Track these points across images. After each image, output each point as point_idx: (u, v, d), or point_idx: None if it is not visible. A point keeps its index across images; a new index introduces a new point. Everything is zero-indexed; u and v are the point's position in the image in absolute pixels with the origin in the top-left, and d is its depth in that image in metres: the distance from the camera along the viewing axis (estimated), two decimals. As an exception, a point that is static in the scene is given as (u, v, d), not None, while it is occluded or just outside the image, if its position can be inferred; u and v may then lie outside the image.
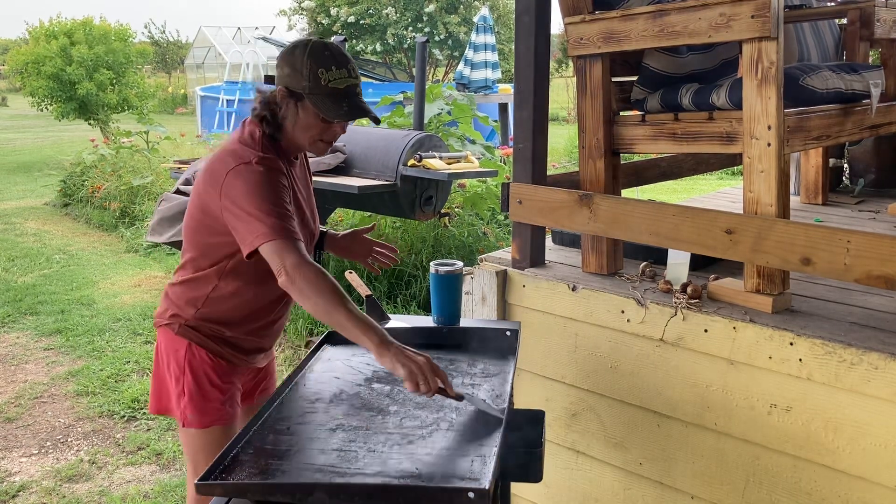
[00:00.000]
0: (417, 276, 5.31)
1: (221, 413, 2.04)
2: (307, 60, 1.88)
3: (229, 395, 2.06)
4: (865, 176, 3.73)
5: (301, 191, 2.05)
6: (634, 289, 2.27)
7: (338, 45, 1.95)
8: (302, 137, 1.95)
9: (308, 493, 1.35)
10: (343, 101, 1.90)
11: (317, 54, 1.89)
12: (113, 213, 8.36)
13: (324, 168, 4.65)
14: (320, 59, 1.88)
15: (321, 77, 1.87)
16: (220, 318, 2.02)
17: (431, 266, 2.14)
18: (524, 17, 2.41)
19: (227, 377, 2.06)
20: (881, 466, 1.82)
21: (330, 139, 1.98)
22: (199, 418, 2.02)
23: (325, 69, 1.88)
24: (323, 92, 1.88)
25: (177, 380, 2.04)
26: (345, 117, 1.92)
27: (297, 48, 1.92)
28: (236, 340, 2.06)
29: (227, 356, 2.05)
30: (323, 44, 1.93)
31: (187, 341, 2.02)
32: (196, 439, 2.04)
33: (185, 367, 2.02)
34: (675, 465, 2.20)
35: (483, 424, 1.61)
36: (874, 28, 2.95)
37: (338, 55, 1.91)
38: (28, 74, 12.82)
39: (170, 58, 31.62)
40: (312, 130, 1.94)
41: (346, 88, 1.90)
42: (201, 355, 2.02)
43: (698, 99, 2.21)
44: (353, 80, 1.92)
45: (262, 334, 2.11)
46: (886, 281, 1.77)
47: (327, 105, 1.89)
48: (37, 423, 3.88)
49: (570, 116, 16.53)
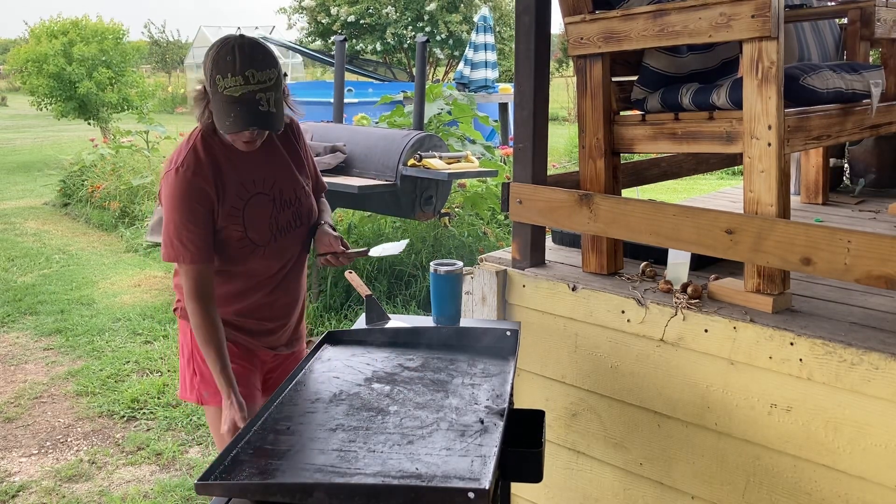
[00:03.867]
0: (417, 276, 5.31)
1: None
2: (209, 64, 1.86)
3: (239, 376, 2.09)
4: (866, 176, 3.73)
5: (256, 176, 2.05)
6: (634, 289, 2.27)
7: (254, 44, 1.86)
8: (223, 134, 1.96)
9: (308, 493, 1.35)
10: (231, 112, 1.84)
11: (219, 58, 1.84)
12: (113, 213, 8.36)
13: (324, 168, 4.65)
14: (219, 64, 1.84)
15: (218, 83, 1.84)
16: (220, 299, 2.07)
17: (431, 266, 2.14)
18: (524, 17, 2.41)
19: (235, 358, 2.10)
20: (881, 466, 1.82)
21: (245, 139, 1.95)
22: (213, 396, 2.11)
23: (222, 75, 1.83)
24: (219, 99, 1.85)
25: (188, 361, 2.16)
26: (228, 129, 1.88)
27: (212, 48, 1.89)
28: (235, 320, 2.12)
29: (231, 337, 2.11)
30: (231, 46, 1.85)
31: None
32: (217, 419, 2.11)
33: (193, 349, 2.12)
34: (676, 465, 2.20)
35: (483, 424, 1.60)
36: (874, 28, 2.95)
37: (241, 61, 1.82)
38: (28, 73, 12.82)
39: (170, 57, 31.60)
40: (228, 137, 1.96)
41: (242, 97, 1.83)
42: None
43: (698, 99, 2.21)
44: (250, 87, 1.83)
45: (261, 315, 2.15)
46: (886, 281, 1.77)
47: (218, 113, 1.87)
48: (37, 423, 3.88)
49: (570, 116, 16.51)
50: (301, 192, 2.14)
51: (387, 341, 2.07)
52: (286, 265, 2.15)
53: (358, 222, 5.79)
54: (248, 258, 2.05)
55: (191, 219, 1.93)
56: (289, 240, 2.12)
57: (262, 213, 2.04)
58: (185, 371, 2.19)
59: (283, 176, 2.11)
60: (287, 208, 2.09)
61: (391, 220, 5.75)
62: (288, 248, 2.13)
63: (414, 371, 1.88)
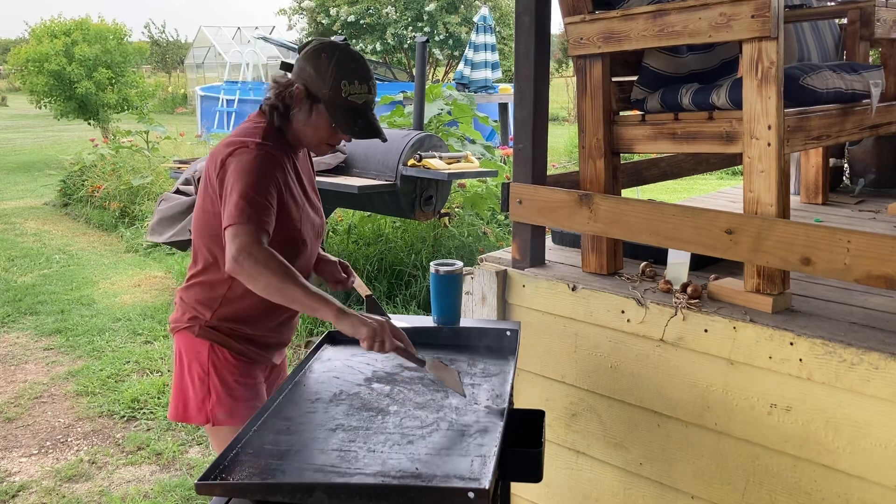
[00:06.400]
0: (417, 276, 5.30)
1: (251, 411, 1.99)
2: (332, 68, 1.89)
3: (255, 392, 2.07)
4: (865, 176, 3.73)
5: (305, 184, 2.07)
6: (634, 289, 2.27)
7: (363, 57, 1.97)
8: (309, 137, 1.98)
9: (308, 494, 1.35)
10: (358, 118, 1.93)
11: (343, 65, 1.90)
12: (113, 213, 8.36)
13: (324, 168, 4.65)
14: (345, 71, 1.90)
15: (343, 89, 1.89)
16: (238, 317, 2.01)
17: (431, 266, 2.14)
18: (524, 17, 2.41)
19: (251, 374, 2.06)
20: (881, 466, 1.82)
21: (335, 143, 2.01)
22: (230, 418, 2.02)
23: (349, 82, 1.90)
24: (341, 104, 1.91)
25: (201, 381, 2.02)
26: (357, 135, 1.95)
27: (324, 51, 1.92)
28: (258, 338, 2.06)
29: (250, 353, 2.05)
30: (351, 54, 1.94)
31: (209, 342, 2.01)
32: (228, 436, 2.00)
33: (210, 369, 2.01)
34: (675, 465, 2.20)
35: (483, 424, 1.61)
36: (874, 28, 2.95)
37: (362, 70, 1.93)
38: (29, 72, 12.82)
39: (170, 58, 31.61)
40: (321, 133, 1.97)
41: (364, 104, 1.93)
42: (224, 355, 2.01)
43: (698, 99, 2.21)
44: (370, 97, 1.95)
45: (282, 329, 2.12)
46: (886, 281, 1.77)
47: (343, 118, 1.92)
48: (37, 423, 3.88)
49: (570, 116, 16.52)
50: (320, 208, 2.17)
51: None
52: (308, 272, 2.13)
53: (358, 222, 5.80)
54: (294, 259, 1.97)
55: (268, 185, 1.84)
56: (312, 249, 2.11)
57: (305, 219, 2.04)
58: (193, 392, 2.05)
59: (313, 188, 2.16)
60: (314, 219, 2.09)
61: (391, 220, 5.75)
62: (311, 259, 2.12)
63: (414, 371, 1.88)
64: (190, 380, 2.04)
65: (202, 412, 2.02)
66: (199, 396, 2.03)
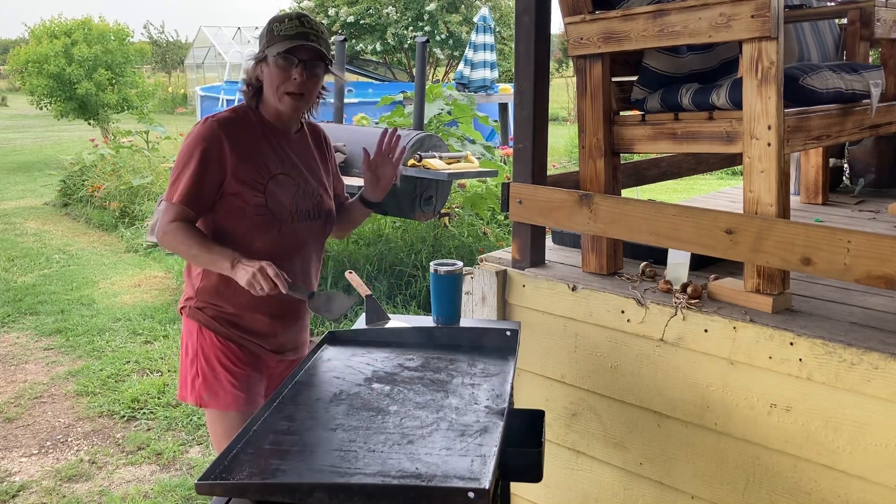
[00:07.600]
0: (417, 276, 5.31)
1: (236, 398, 2.11)
2: (267, 26, 2.05)
3: (243, 381, 2.12)
4: (865, 176, 3.73)
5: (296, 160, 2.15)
6: (634, 289, 2.27)
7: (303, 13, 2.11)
8: (269, 94, 2.07)
9: (308, 493, 1.35)
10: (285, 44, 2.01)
11: (274, 18, 2.06)
12: (113, 213, 8.36)
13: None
14: (275, 19, 2.05)
15: (275, 30, 2.02)
16: (215, 289, 2.10)
17: (431, 266, 2.14)
18: (524, 17, 2.41)
19: (240, 363, 2.13)
20: (881, 466, 1.82)
21: (291, 90, 2.05)
22: (213, 399, 2.11)
23: (279, 23, 2.03)
24: (276, 41, 2.02)
25: (191, 361, 2.14)
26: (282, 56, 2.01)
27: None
28: (239, 319, 2.12)
29: (236, 339, 2.12)
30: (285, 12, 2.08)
31: (197, 324, 2.12)
32: (217, 424, 2.13)
33: (198, 350, 2.12)
34: (675, 465, 2.20)
35: (483, 424, 1.61)
36: (874, 28, 2.95)
37: (293, 14, 2.04)
38: (28, 73, 12.82)
39: (170, 58, 31.61)
40: (275, 81, 2.04)
41: (297, 34, 2.00)
42: (211, 338, 2.12)
43: (698, 99, 2.21)
44: (304, 29, 2.01)
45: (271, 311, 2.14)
46: (886, 281, 1.77)
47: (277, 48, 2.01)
48: (37, 423, 3.88)
49: (570, 116, 16.51)
50: (324, 192, 2.23)
51: (387, 341, 2.07)
52: (301, 257, 2.16)
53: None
54: (265, 232, 2.06)
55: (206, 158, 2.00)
56: (305, 228, 2.14)
57: (284, 193, 2.10)
58: (186, 371, 2.17)
59: (312, 170, 2.20)
60: (309, 199, 2.15)
61: (391, 220, 5.75)
62: (304, 237, 2.15)
63: (414, 371, 1.88)
64: (185, 359, 2.18)
65: (193, 392, 2.15)
66: (189, 376, 2.16)
